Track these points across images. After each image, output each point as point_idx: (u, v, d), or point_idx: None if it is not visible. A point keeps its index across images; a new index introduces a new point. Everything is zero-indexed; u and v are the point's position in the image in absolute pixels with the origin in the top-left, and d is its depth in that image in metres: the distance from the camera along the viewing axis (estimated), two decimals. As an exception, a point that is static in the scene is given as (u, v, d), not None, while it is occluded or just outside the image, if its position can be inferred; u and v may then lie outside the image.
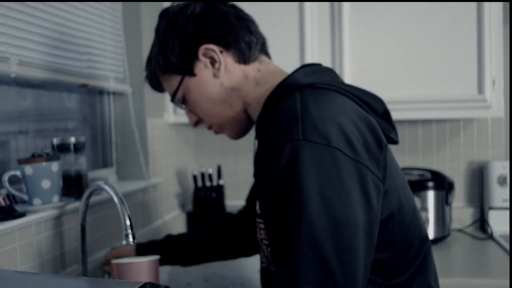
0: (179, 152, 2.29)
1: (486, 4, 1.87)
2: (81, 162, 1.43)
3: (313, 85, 0.91)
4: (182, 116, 2.13)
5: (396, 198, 0.89)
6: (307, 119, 0.82)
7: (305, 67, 1.00)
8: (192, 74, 1.04)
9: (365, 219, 0.81)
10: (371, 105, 0.92)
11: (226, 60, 1.03)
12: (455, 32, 1.89)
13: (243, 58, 1.03)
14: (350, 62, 1.92)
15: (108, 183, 1.20)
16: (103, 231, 1.57)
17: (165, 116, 2.12)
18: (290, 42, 1.98)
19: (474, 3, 1.88)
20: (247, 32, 1.04)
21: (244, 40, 1.03)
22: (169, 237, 1.39)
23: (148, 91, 1.96)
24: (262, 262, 1.04)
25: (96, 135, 1.90)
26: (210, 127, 1.13)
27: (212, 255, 1.36)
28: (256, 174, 1.02)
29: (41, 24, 1.44)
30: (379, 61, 1.92)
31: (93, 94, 1.87)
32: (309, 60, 1.95)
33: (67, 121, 1.76)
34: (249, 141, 2.38)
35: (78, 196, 1.41)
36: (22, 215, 1.20)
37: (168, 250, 1.33)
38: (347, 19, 1.93)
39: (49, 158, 1.28)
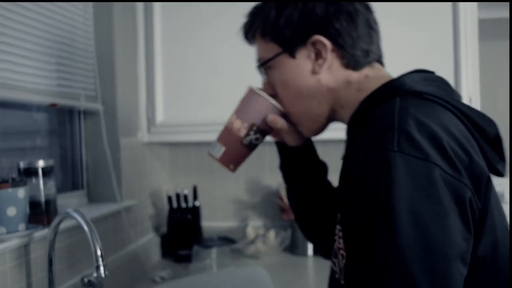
0: (153, 172, 2.23)
1: (461, 20, 1.87)
2: (49, 187, 1.36)
3: (419, 94, 0.83)
4: (156, 135, 2.08)
5: (490, 240, 0.79)
6: (405, 128, 0.74)
7: (415, 72, 0.91)
8: (292, 55, 0.95)
9: (463, 246, 0.73)
10: (482, 129, 0.84)
11: (333, 61, 0.93)
12: (431, 49, 1.89)
13: (353, 65, 0.93)
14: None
15: (77, 211, 1.14)
16: (73, 259, 1.49)
17: (138, 135, 2.06)
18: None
19: (450, 20, 1.89)
20: (368, 41, 0.94)
21: (361, 47, 0.93)
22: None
23: (121, 109, 1.91)
24: (334, 272, 0.93)
25: (65, 155, 1.82)
26: (284, 114, 1.02)
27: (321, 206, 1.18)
28: (341, 177, 0.94)
29: (5, 41, 1.37)
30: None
31: (62, 112, 1.80)
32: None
33: (34, 141, 1.68)
34: (226, 160, 2.34)
35: (46, 223, 1.34)
36: (-16, 245, 1.13)
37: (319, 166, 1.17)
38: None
39: (15, 184, 1.21)
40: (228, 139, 1.02)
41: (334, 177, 1.16)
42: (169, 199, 2.14)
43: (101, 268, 1.08)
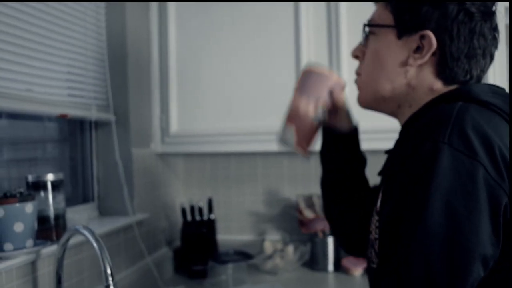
0: (167, 184, 2.22)
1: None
2: (58, 201, 1.37)
3: (484, 103, 0.85)
4: (170, 146, 2.07)
5: None
6: (459, 124, 0.78)
7: (486, 84, 0.93)
8: (399, 35, 0.95)
9: (487, 249, 0.75)
10: None
11: (428, 63, 0.93)
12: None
13: (445, 78, 0.93)
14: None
15: (87, 228, 1.13)
16: (82, 276, 1.49)
17: (152, 145, 2.06)
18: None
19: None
20: (474, 65, 0.92)
21: (464, 67, 0.92)
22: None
23: (133, 119, 1.91)
24: (372, 262, 0.97)
25: (76, 167, 1.83)
26: (358, 74, 1.05)
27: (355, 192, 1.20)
28: (383, 172, 0.97)
29: (15, 51, 1.37)
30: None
31: (73, 122, 1.81)
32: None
33: (44, 152, 1.69)
34: (242, 171, 2.33)
35: (55, 238, 1.34)
36: (-9, 262, 1.13)
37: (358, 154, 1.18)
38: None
39: (23, 198, 1.21)
40: (298, 118, 1.04)
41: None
42: (183, 211, 2.13)
43: (111, 288, 1.07)
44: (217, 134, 2.02)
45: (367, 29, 1.02)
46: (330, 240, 2.09)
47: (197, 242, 2.12)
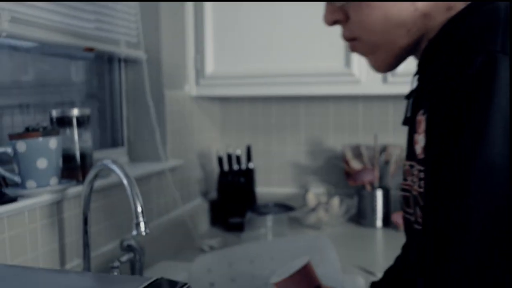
0: (202, 130, 2.19)
1: None
2: (85, 139, 1.34)
3: None
4: (206, 88, 2.04)
5: None
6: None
7: None
8: None
9: None
10: None
11: None
12: None
13: None
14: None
15: (116, 162, 1.10)
16: (111, 221, 1.48)
17: (186, 87, 2.02)
18: None
19: None
20: None
21: None
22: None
23: (166, 57, 1.87)
24: (416, 223, 0.88)
25: (104, 109, 1.81)
26: (351, 39, 0.91)
27: None
28: (408, 120, 0.89)
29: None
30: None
31: (101, 61, 1.78)
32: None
33: (70, 93, 1.67)
34: (283, 117, 2.28)
35: (81, 179, 1.32)
36: (13, 200, 1.12)
37: None
38: None
39: (47, 133, 1.19)
40: None
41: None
42: (220, 160, 2.11)
43: (142, 225, 1.04)
44: (257, 76, 1.98)
45: None
46: (379, 193, 2.04)
47: (234, 193, 2.10)
